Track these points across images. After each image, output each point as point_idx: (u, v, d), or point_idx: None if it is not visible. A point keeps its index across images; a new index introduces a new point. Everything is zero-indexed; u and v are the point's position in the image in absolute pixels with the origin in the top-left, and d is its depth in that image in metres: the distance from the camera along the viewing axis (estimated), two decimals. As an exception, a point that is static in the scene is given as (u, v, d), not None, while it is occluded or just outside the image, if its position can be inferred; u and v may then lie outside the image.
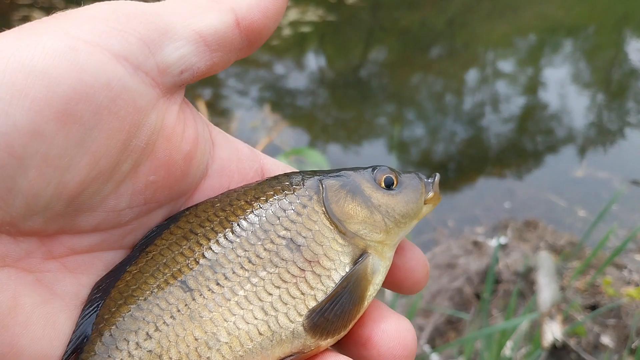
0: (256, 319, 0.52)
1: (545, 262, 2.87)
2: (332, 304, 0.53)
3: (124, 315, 0.52)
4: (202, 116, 0.59)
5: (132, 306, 0.52)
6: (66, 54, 0.44)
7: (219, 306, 0.52)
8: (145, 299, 0.52)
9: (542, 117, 5.14)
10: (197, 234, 0.55)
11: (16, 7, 6.40)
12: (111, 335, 0.51)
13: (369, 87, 5.64)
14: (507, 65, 6.41)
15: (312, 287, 0.54)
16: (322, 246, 0.55)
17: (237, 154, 0.61)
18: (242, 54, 0.55)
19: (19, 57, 0.43)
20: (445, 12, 7.89)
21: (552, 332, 2.48)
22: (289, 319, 0.53)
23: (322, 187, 0.58)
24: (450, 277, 2.94)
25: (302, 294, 0.53)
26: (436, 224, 3.57)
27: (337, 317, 0.53)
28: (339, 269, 0.55)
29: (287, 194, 0.57)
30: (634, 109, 5.41)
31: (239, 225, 0.55)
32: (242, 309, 0.52)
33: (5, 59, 0.43)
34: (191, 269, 0.53)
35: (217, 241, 0.54)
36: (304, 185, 0.58)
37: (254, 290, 0.53)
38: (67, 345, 0.50)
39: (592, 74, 6.21)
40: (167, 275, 0.53)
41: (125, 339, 0.51)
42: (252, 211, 0.56)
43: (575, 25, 7.45)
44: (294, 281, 0.54)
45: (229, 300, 0.52)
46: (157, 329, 0.51)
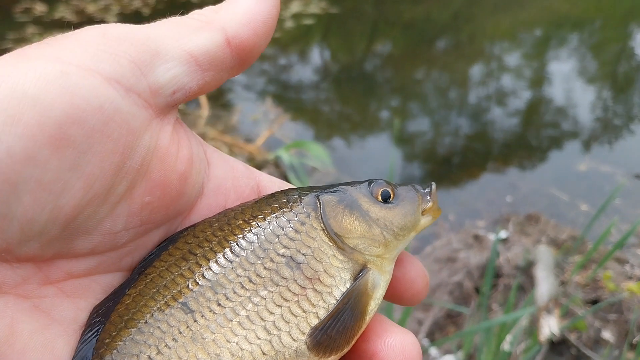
0: (259, 338, 0.52)
1: (544, 255, 2.85)
2: (334, 321, 0.53)
3: (125, 339, 0.51)
4: (197, 135, 0.60)
5: (133, 329, 0.51)
6: (58, 78, 0.44)
7: (221, 327, 0.51)
8: (146, 322, 0.52)
9: (547, 111, 5.10)
10: (196, 255, 0.54)
11: None
12: (113, 359, 0.51)
13: (373, 81, 5.62)
14: (512, 59, 6.37)
15: (313, 305, 0.53)
16: (322, 263, 0.55)
17: (232, 172, 0.61)
18: (234, 73, 0.56)
19: (11, 83, 0.43)
20: (450, 5, 7.85)
21: (550, 326, 2.46)
22: (292, 337, 0.52)
23: (320, 203, 0.57)
24: (450, 271, 2.93)
25: (304, 312, 0.53)
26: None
27: (340, 334, 0.53)
28: (339, 285, 0.55)
29: (285, 212, 0.57)
30: (640, 104, 5.37)
31: (237, 244, 0.55)
32: (245, 329, 0.52)
33: None
34: (191, 290, 0.53)
35: (217, 261, 0.54)
36: (301, 202, 0.57)
37: (256, 309, 0.52)
38: None
39: (598, 68, 6.17)
40: (168, 297, 0.53)
41: None
42: (251, 230, 0.55)
43: (581, 19, 7.39)
44: (296, 299, 0.53)
45: (231, 320, 0.52)
46: (159, 352, 0.51)
